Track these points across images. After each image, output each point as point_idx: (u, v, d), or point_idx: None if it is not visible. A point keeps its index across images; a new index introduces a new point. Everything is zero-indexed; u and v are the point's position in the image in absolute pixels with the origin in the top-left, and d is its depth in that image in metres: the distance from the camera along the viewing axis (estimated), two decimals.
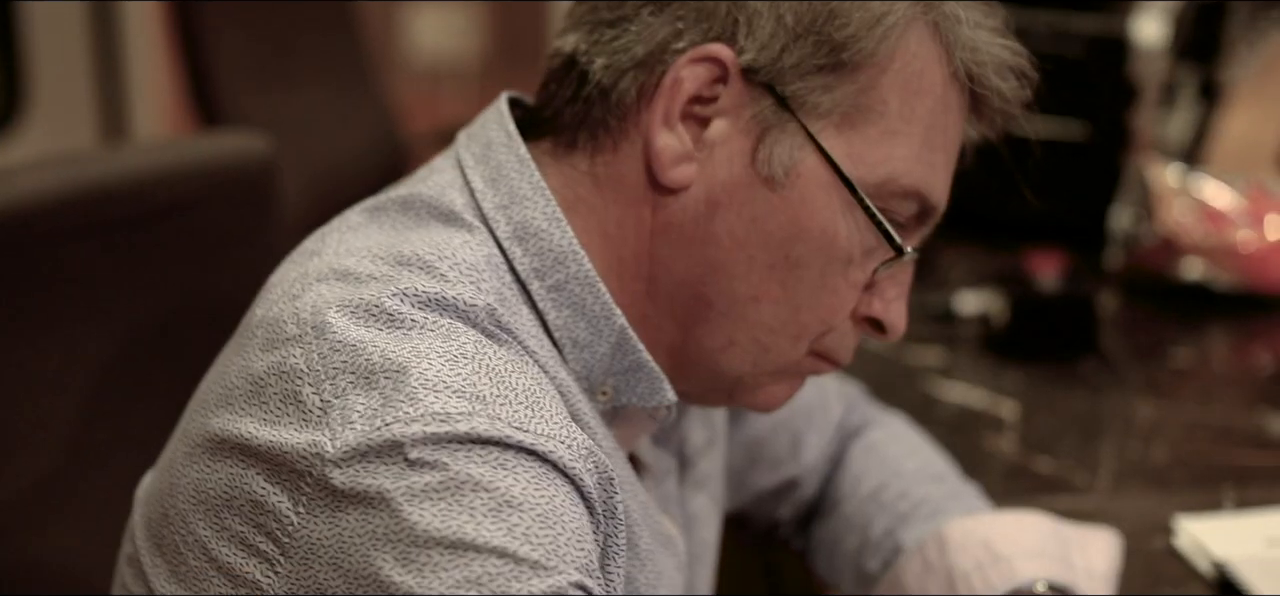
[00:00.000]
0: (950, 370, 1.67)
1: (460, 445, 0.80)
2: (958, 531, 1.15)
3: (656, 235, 0.94)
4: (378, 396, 0.81)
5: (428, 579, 0.78)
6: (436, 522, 0.78)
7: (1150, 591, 1.25)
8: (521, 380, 0.85)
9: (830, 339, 0.98)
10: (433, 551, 0.78)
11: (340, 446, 0.80)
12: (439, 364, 0.82)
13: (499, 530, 0.79)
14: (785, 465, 1.27)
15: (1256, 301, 1.82)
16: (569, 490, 0.83)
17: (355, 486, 0.80)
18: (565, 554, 0.80)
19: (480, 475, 0.79)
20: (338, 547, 0.80)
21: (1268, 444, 1.53)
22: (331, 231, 0.94)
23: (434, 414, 0.80)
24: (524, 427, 0.82)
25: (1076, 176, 1.97)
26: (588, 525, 0.84)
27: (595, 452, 0.86)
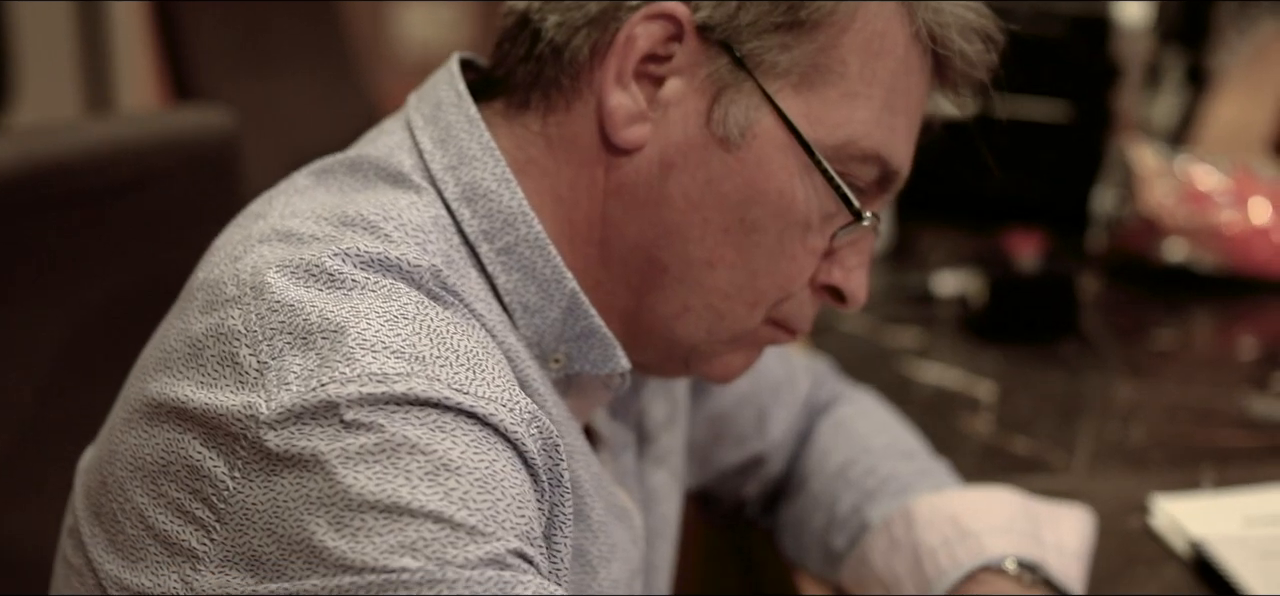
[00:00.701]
0: (927, 351, 1.65)
1: (397, 406, 0.78)
2: (925, 507, 1.13)
3: (609, 197, 0.92)
4: (315, 357, 0.79)
5: (361, 543, 0.76)
6: (371, 486, 0.76)
7: (1125, 571, 1.23)
8: (464, 342, 0.83)
9: (788, 306, 0.95)
10: (367, 515, 0.76)
11: (275, 408, 0.78)
12: (378, 324, 0.80)
13: (435, 494, 0.77)
14: (751, 441, 1.24)
15: (1240, 284, 1.80)
16: (510, 455, 0.80)
17: (290, 449, 0.78)
18: (504, 519, 0.78)
19: (417, 437, 0.77)
20: (272, 512, 0.78)
21: (1249, 424, 1.51)
22: (278, 194, 0.92)
23: (371, 374, 0.78)
24: (464, 389, 0.80)
25: (1058, 158, 1.95)
26: (530, 491, 0.81)
27: (539, 418, 0.83)
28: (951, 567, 1.09)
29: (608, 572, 0.97)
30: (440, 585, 0.75)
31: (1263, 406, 1.54)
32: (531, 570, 0.79)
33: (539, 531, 0.82)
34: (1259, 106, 2.53)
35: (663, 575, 1.11)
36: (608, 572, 0.97)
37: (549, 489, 0.85)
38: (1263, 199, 1.82)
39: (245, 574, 0.79)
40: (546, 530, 0.86)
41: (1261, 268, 1.80)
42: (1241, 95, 2.58)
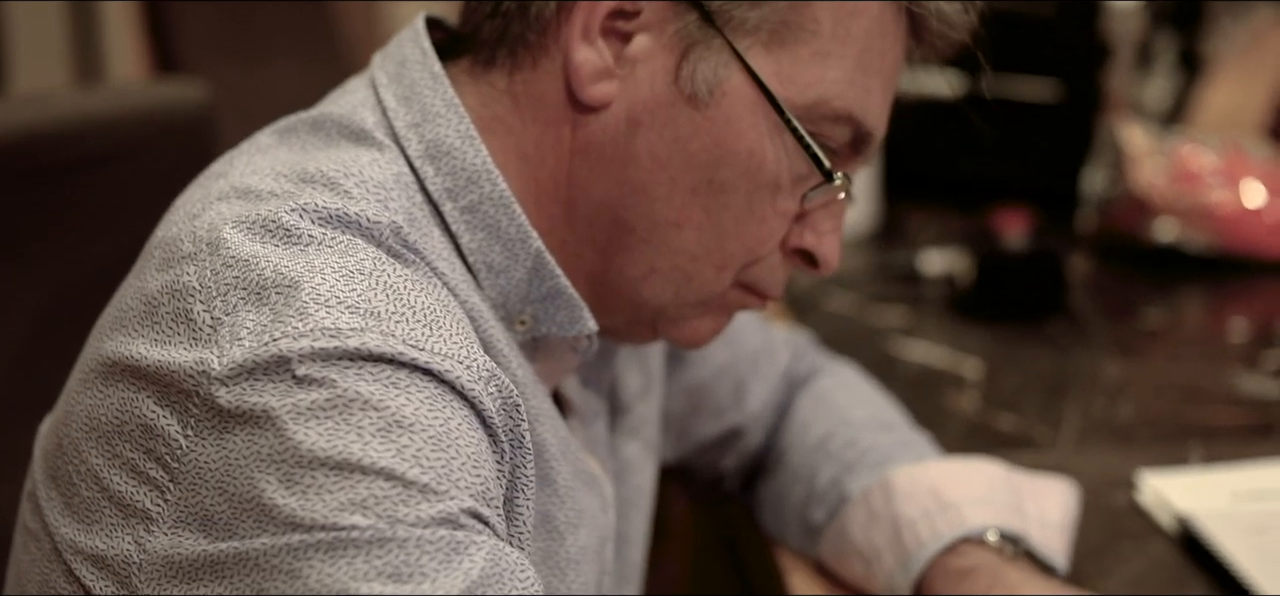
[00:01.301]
0: (913, 330, 1.63)
1: (351, 361, 0.76)
2: (904, 478, 1.11)
3: (576, 155, 0.90)
4: (268, 312, 0.77)
5: (311, 501, 0.74)
6: (322, 442, 0.75)
7: (1111, 546, 1.21)
8: (421, 298, 0.81)
9: (758, 270, 0.94)
10: (317, 472, 0.74)
11: (227, 363, 0.77)
12: (333, 279, 0.79)
13: (388, 451, 0.75)
14: (729, 413, 1.22)
15: (1231, 264, 1.78)
16: (466, 413, 0.79)
17: (241, 405, 0.76)
18: (458, 478, 0.77)
19: (370, 393, 0.76)
20: (223, 471, 0.76)
21: (1239, 402, 1.49)
22: (240, 153, 0.91)
23: (324, 329, 0.76)
24: (420, 345, 0.78)
25: (1048, 138, 1.93)
26: (487, 451, 0.80)
27: (498, 376, 0.82)
28: (931, 539, 1.07)
29: (575, 539, 0.95)
30: (391, 543, 0.74)
31: (1253, 384, 1.52)
32: (486, 530, 0.77)
33: (497, 492, 0.81)
34: (1253, 92, 2.51)
35: (636, 547, 1.09)
36: (575, 539, 0.95)
37: (510, 450, 0.83)
38: (1255, 179, 1.80)
39: (197, 534, 0.77)
40: (508, 492, 0.85)
41: (1253, 248, 1.78)
42: (1235, 81, 2.57)
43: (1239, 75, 2.57)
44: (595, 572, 0.98)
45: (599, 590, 1.01)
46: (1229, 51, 2.59)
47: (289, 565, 0.74)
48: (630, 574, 1.08)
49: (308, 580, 0.74)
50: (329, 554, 0.74)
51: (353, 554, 0.73)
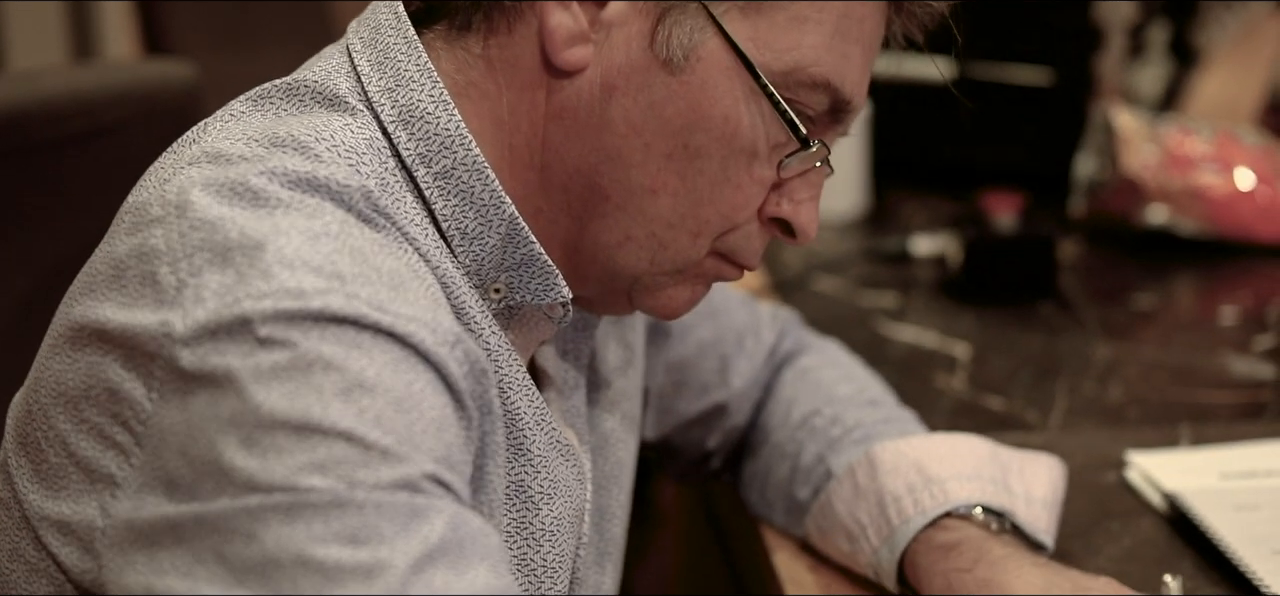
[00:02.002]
0: (903, 312, 1.63)
1: (314, 323, 0.75)
2: (889, 453, 1.10)
3: (550, 121, 0.90)
4: (232, 273, 0.77)
5: (270, 462, 0.73)
6: (283, 404, 0.74)
7: (1099, 524, 1.21)
8: (388, 262, 0.81)
9: (734, 238, 0.93)
10: (277, 434, 0.74)
11: (190, 325, 0.76)
12: (298, 240, 0.78)
13: (348, 412, 0.74)
14: (713, 390, 1.22)
15: (1222, 248, 1.78)
16: (431, 377, 0.78)
17: (203, 367, 0.76)
18: (420, 441, 0.76)
19: (332, 355, 0.75)
20: (186, 433, 0.76)
21: (1229, 384, 1.48)
22: (214, 120, 0.90)
23: (287, 290, 0.76)
24: (384, 308, 0.77)
25: (1039, 123, 1.92)
26: (451, 415, 0.79)
27: (465, 341, 0.81)
28: (916, 514, 1.07)
29: (550, 508, 0.94)
30: (349, 506, 0.73)
31: (1243, 366, 1.52)
32: (448, 495, 0.77)
33: (462, 457, 0.80)
34: (1246, 84, 2.50)
35: (617, 521, 1.08)
36: (550, 508, 0.94)
37: (478, 416, 0.83)
38: (1246, 164, 1.80)
39: (160, 497, 0.77)
40: (477, 459, 0.84)
41: (1244, 232, 1.77)
42: (1229, 72, 2.56)
43: (1233, 66, 2.57)
44: (571, 543, 0.98)
45: (576, 562, 1.01)
46: (1223, 42, 2.58)
47: (247, 527, 0.73)
48: (610, 549, 1.07)
49: (264, 543, 0.73)
50: (286, 516, 0.73)
51: (310, 516, 0.73)
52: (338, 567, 0.72)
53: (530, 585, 0.94)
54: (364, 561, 0.73)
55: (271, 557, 0.73)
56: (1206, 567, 1.15)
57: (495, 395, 0.84)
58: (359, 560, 0.73)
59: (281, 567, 0.73)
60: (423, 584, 0.73)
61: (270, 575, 0.73)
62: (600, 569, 1.07)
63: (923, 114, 1.94)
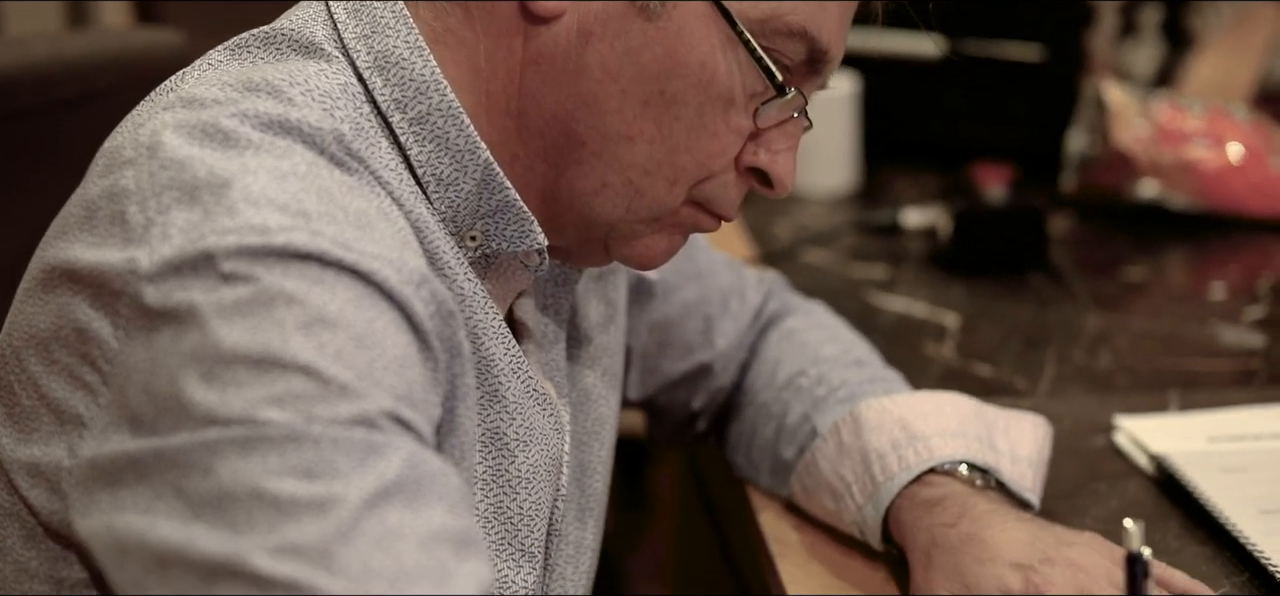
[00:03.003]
0: (892, 283, 1.63)
1: (277, 259, 0.76)
2: (873, 411, 1.11)
3: (527, 67, 0.90)
4: (199, 211, 0.78)
5: (229, 396, 0.74)
6: (244, 338, 0.75)
7: (1086, 486, 1.21)
8: (355, 202, 0.81)
9: (711, 187, 0.93)
10: (238, 367, 0.74)
11: (155, 261, 0.77)
12: (265, 179, 0.79)
13: (308, 346, 0.75)
14: (697, 351, 1.22)
15: (1213, 222, 1.77)
16: (394, 315, 0.79)
17: (167, 302, 0.76)
18: (380, 378, 0.76)
19: (294, 290, 0.76)
20: (149, 370, 0.76)
21: (1218, 352, 1.48)
22: (192, 69, 0.91)
23: (252, 226, 0.77)
24: (348, 246, 0.78)
25: (1031, 100, 1.92)
26: (415, 355, 0.79)
27: (432, 282, 0.82)
28: (901, 471, 1.07)
29: (526, 456, 0.95)
30: (305, 441, 0.74)
31: (1233, 335, 1.52)
32: (407, 434, 0.77)
33: (426, 397, 0.80)
34: (1239, 69, 2.50)
35: (598, 477, 1.08)
36: (526, 456, 0.95)
37: (446, 358, 0.83)
38: (1237, 138, 1.80)
39: (124, 434, 0.77)
40: (447, 401, 0.84)
41: (1235, 206, 1.77)
42: (1222, 56, 2.56)
43: (1226, 52, 2.57)
44: (548, 492, 0.97)
45: (556, 516, 1.01)
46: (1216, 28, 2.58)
47: (204, 461, 0.74)
48: (592, 504, 1.07)
49: (220, 476, 0.74)
50: (242, 449, 0.73)
51: (266, 450, 0.73)
52: (292, 501, 0.73)
53: (507, 532, 0.94)
54: (318, 495, 0.73)
55: (226, 491, 0.73)
56: (1193, 527, 1.15)
57: (464, 337, 0.85)
58: (313, 494, 0.73)
59: (236, 501, 0.73)
60: (376, 520, 0.73)
61: (225, 509, 0.73)
62: (582, 525, 1.07)
63: (914, 90, 1.94)
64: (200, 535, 0.73)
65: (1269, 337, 1.50)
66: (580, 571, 1.06)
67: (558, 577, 1.03)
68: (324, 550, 0.72)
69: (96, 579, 0.83)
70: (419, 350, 0.80)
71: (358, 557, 0.72)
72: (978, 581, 0.98)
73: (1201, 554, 1.12)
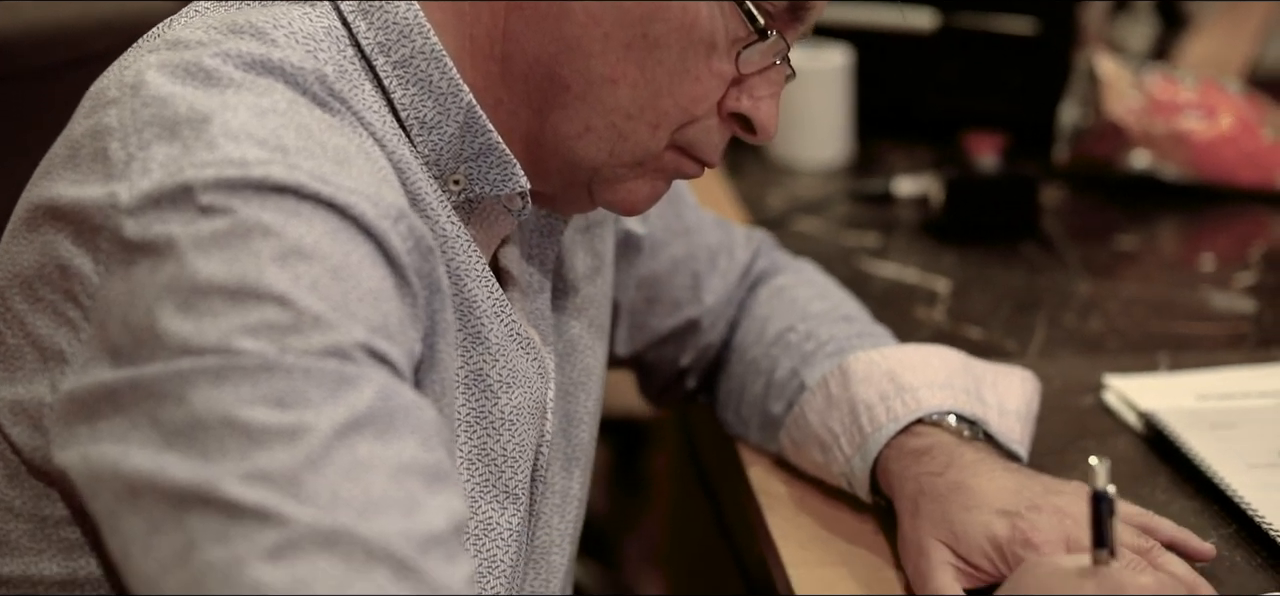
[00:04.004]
0: (884, 251, 1.63)
1: (254, 191, 0.77)
2: (861, 363, 1.11)
3: (511, 11, 0.90)
4: (179, 145, 0.79)
5: (204, 325, 0.75)
6: (220, 269, 0.76)
7: (1074, 443, 1.21)
8: (334, 139, 0.82)
9: (693, 131, 0.93)
10: (213, 298, 0.75)
11: (135, 195, 0.78)
12: (245, 115, 0.80)
13: (284, 277, 0.76)
14: (686, 306, 1.22)
15: (1205, 192, 1.78)
16: (370, 249, 0.79)
17: (146, 235, 0.77)
18: (355, 310, 0.77)
19: (270, 221, 0.77)
20: (128, 303, 0.78)
21: (1208, 316, 1.49)
22: (180, 15, 0.92)
23: (230, 160, 0.78)
24: (326, 180, 0.79)
25: (1024, 72, 1.92)
26: (391, 289, 0.80)
27: (409, 217, 0.82)
28: (888, 422, 1.07)
29: (509, 398, 0.95)
30: (277, 370, 0.75)
31: (1224, 300, 1.52)
32: (381, 366, 0.78)
33: (404, 331, 0.81)
34: (1233, 49, 2.51)
35: (585, 427, 1.08)
36: (509, 398, 0.95)
37: (425, 293, 0.84)
38: (1229, 109, 1.80)
39: (103, 366, 0.78)
40: (427, 336, 0.85)
41: (1228, 176, 1.78)
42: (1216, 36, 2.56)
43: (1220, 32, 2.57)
44: (532, 435, 0.98)
45: (541, 462, 1.01)
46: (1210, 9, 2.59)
47: (178, 390, 0.75)
48: (579, 454, 1.08)
49: (193, 404, 0.74)
50: (216, 378, 0.74)
51: (238, 379, 0.74)
52: (263, 429, 0.74)
53: (490, 474, 0.95)
54: (289, 424, 0.74)
55: (199, 419, 0.74)
56: (1181, 482, 1.16)
57: (443, 274, 0.85)
58: (284, 422, 0.74)
59: (208, 429, 0.74)
60: (346, 450, 0.74)
61: (197, 437, 0.74)
62: (568, 474, 1.07)
63: (907, 63, 1.94)
64: (172, 463, 0.74)
65: (1260, 303, 1.51)
66: (567, 520, 1.07)
67: (544, 526, 1.04)
68: (293, 477, 0.73)
69: (78, 515, 0.84)
70: (396, 285, 0.81)
71: (326, 486, 0.73)
72: (965, 528, 0.99)
73: (1189, 507, 1.13)
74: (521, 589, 1.02)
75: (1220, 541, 1.07)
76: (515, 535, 0.96)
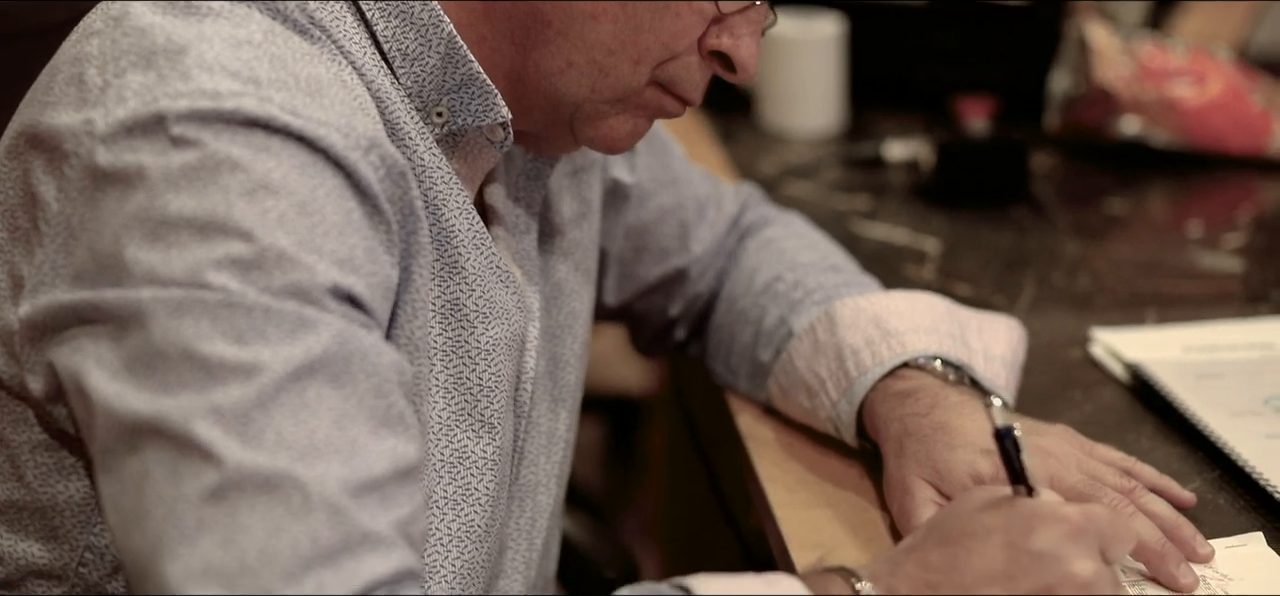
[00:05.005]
0: (875, 213, 1.64)
1: (225, 124, 0.79)
2: (848, 309, 1.12)
3: None
4: (154, 74, 0.80)
5: (170, 257, 0.77)
6: (189, 203, 0.77)
7: (1061, 393, 1.22)
8: (309, 69, 0.83)
9: (674, 68, 0.94)
10: (181, 230, 0.77)
11: (110, 122, 0.80)
12: (220, 46, 0.81)
13: (251, 212, 0.77)
14: (673, 256, 1.23)
15: (1194, 159, 1.78)
16: (340, 182, 0.81)
17: (117, 164, 0.79)
18: (321, 245, 0.79)
19: (239, 156, 0.78)
20: (94, 229, 0.79)
21: (1197, 275, 1.50)
22: None
23: (203, 91, 0.79)
24: (297, 113, 0.80)
25: (1016, 41, 1.93)
26: (361, 219, 0.82)
27: (382, 145, 0.84)
28: (874, 366, 1.08)
29: (486, 329, 0.96)
30: (239, 307, 0.76)
31: (1211, 259, 1.53)
32: (343, 307, 0.79)
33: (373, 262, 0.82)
34: (1226, 27, 2.51)
35: (571, 369, 1.09)
36: (486, 329, 0.96)
37: (399, 217, 0.85)
38: (1219, 76, 1.81)
39: (65, 288, 0.80)
40: (403, 259, 0.86)
41: (1217, 142, 1.78)
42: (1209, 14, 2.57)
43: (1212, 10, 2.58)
44: (510, 367, 0.99)
45: (522, 395, 1.02)
46: None
47: (141, 319, 0.77)
48: (564, 395, 1.09)
49: (153, 335, 0.76)
50: (177, 310, 0.76)
51: (200, 313, 0.76)
52: (220, 363, 0.75)
53: (466, 403, 0.96)
54: (245, 360, 0.75)
55: (159, 350, 0.76)
56: (1166, 430, 1.17)
57: (418, 199, 0.87)
58: (241, 359, 0.75)
59: (167, 360, 0.76)
60: (296, 392, 0.76)
61: (156, 367, 0.76)
62: (554, 414, 1.08)
63: (899, 33, 1.94)
64: (129, 392, 0.76)
65: (1248, 263, 1.52)
66: (553, 460, 1.08)
67: (529, 464, 1.05)
68: (244, 415, 0.75)
69: (59, 437, 0.86)
70: (366, 214, 0.82)
71: (272, 427, 0.75)
72: (949, 467, 1.00)
73: (1174, 453, 1.14)
74: (506, 525, 1.03)
75: (1204, 485, 1.08)
76: (490, 464, 0.97)
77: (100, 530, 0.87)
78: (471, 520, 0.95)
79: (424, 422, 0.92)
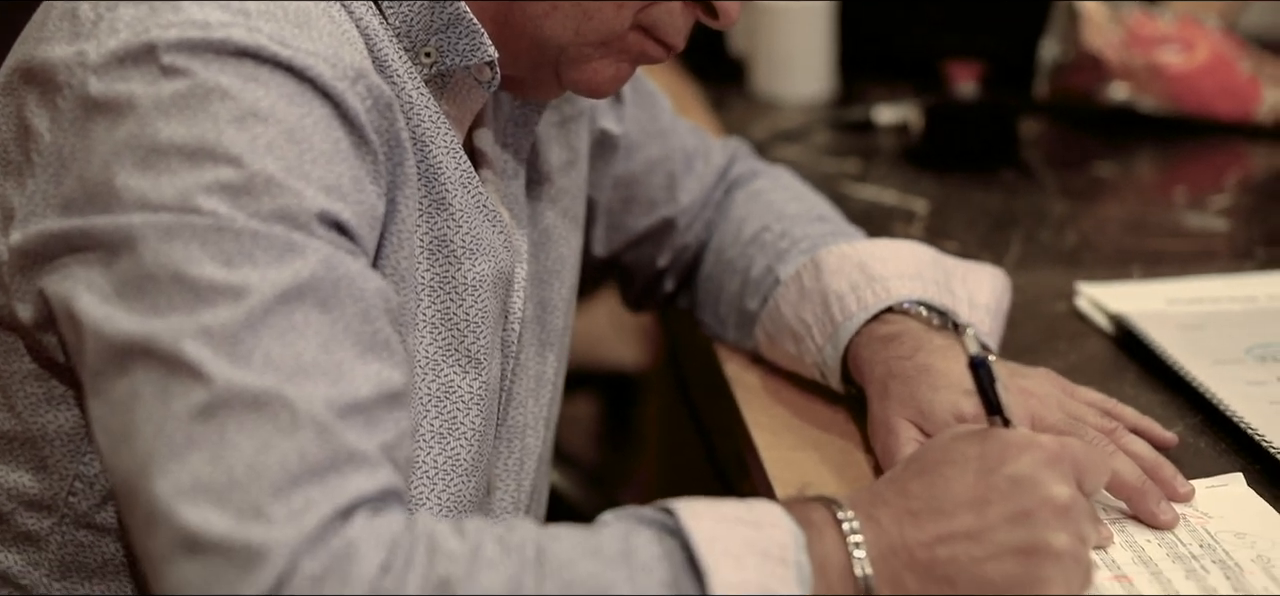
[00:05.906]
0: (865, 176, 1.65)
1: (215, 54, 0.80)
2: (833, 256, 1.13)
3: None
4: (145, 6, 0.82)
5: (161, 182, 0.78)
6: (179, 130, 0.78)
7: (1046, 344, 1.23)
8: (298, 2, 0.84)
9: (657, 11, 0.95)
10: (170, 157, 0.78)
11: (102, 53, 0.81)
12: None
13: (240, 138, 0.79)
14: (661, 206, 1.24)
15: (1182, 125, 1.80)
16: (327, 111, 0.82)
17: (108, 93, 0.80)
18: (309, 171, 0.80)
19: (228, 84, 0.79)
20: (84, 158, 0.81)
21: (1183, 234, 1.51)
22: None
23: (193, 21, 0.80)
24: (285, 43, 0.81)
25: (1005, 8, 1.94)
26: (348, 148, 0.83)
27: (369, 76, 0.85)
28: (859, 310, 1.09)
29: (473, 265, 0.97)
30: (227, 231, 0.77)
31: (1198, 219, 1.54)
32: (331, 233, 0.80)
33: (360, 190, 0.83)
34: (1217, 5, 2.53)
35: (559, 314, 1.11)
36: (473, 265, 0.97)
37: (386, 148, 0.87)
38: (1207, 42, 1.82)
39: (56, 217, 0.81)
40: (389, 189, 0.88)
41: (1204, 108, 1.80)
42: None
43: None
44: (495, 304, 1.00)
45: (509, 336, 1.03)
46: None
47: (131, 243, 0.78)
48: (552, 339, 1.10)
49: (143, 258, 0.77)
50: (168, 234, 0.77)
51: (189, 236, 0.77)
52: (210, 286, 0.76)
53: (453, 338, 0.97)
54: (234, 283, 0.77)
55: (149, 273, 0.77)
56: (1148, 378, 1.18)
57: (404, 130, 0.88)
58: (230, 281, 0.77)
59: (157, 283, 0.77)
60: (283, 314, 0.77)
61: (146, 290, 0.77)
62: (542, 358, 1.09)
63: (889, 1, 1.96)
64: (120, 315, 0.77)
65: (1233, 222, 1.53)
66: (541, 403, 1.09)
67: (517, 405, 1.06)
68: (232, 335, 0.76)
69: (49, 367, 0.87)
70: (352, 144, 0.83)
71: (260, 348, 0.76)
72: (932, 408, 1.01)
73: (1156, 400, 1.14)
74: (494, 464, 1.04)
75: (1186, 430, 1.10)
76: (477, 399, 0.98)
77: (90, 459, 0.88)
78: (458, 453, 0.97)
79: (411, 356, 0.93)
